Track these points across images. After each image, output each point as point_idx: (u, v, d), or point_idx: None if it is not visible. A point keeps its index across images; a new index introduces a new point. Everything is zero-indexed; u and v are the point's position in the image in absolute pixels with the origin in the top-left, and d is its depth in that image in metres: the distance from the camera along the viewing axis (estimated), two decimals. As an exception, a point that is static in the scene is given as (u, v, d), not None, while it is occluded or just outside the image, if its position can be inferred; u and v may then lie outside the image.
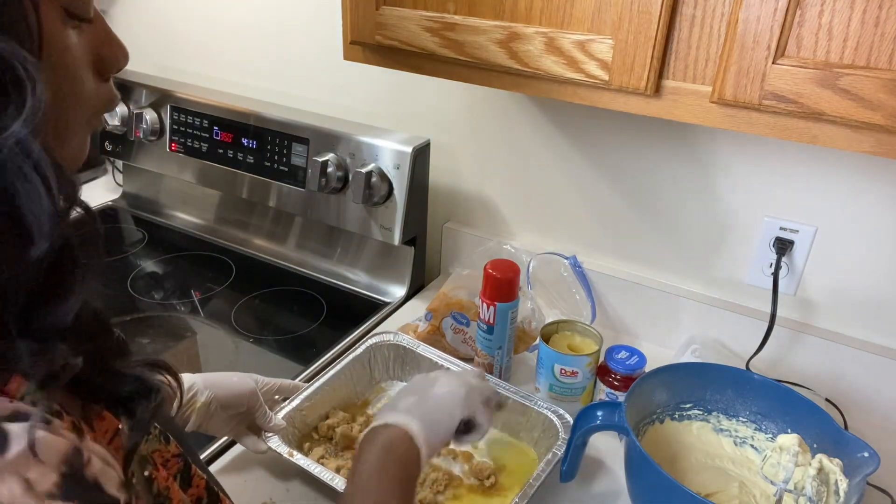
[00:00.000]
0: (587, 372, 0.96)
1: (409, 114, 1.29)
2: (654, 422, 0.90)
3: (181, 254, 1.44)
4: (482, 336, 1.02)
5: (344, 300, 1.28)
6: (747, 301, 1.09)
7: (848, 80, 0.62)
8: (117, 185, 1.66)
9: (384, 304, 1.26)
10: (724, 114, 0.71)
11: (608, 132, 1.10)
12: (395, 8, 0.84)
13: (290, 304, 1.28)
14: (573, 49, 0.75)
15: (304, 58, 1.37)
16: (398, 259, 1.28)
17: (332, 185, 1.22)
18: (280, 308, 1.27)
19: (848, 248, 0.99)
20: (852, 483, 0.71)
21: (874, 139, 0.65)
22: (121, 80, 1.50)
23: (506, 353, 1.03)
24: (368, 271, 1.33)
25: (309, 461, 0.83)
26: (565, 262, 1.19)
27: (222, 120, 1.37)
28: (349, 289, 1.31)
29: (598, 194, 1.16)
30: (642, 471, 0.78)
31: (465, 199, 1.31)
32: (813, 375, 1.05)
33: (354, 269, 1.34)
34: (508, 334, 1.01)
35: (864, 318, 1.02)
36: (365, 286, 1.31)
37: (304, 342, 1.16)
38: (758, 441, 0.89)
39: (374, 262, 1.32)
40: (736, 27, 0.66)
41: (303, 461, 0.83)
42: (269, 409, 0.85)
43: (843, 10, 0.61)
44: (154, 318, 1.23)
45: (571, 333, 1.02)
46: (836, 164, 0.95)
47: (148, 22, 1.58)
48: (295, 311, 1.26)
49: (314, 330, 1.20)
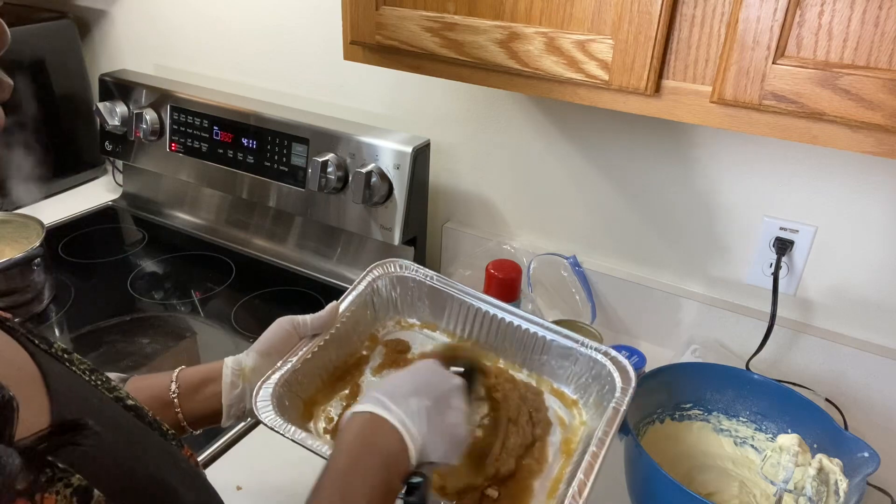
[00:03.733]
0: (587, 372, 0.96)
1: (409, 114, 1.29)
2: (654, 422, 0.90)
3: (181, 254, 1.44)
4: (482, 336, 1.01)
5: (344, 300, 1.28)
6: (747, 301, 1.09)
7: (848, 80, 0.62)
8: (117, 185, 1.66)
9: (384, 304, 1.26)
10: (724, 114, 0.71)
11: (608, 132, 1.10)
12: (395, 8, 0.84)
13: (290, 304, 1.28)
14: (573, 49, 0.75)
15: (304, 58, 1.37)
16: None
17: (332, 185, 1.22)
18: (280, 308, 1.27)
19: (848, 248, 0.99)
20: (852, 483, 0.71)
21: (874, 139, 0.65)
22: (121, 80, 1.50)
23: (506, 353, 1.03)
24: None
25: (307, 436, 0.69)
26: (565, 262, 1.19)
27: (222, 120, 1.37)
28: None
29: (598, 194, 1.16)
30: (642, 471, 0.78)
31: (465, 199, 1.31)
32: (813, 375, 1.05)
33: (354, 269, 1.34)
34: (508, 334, 1.01)
35: (863, 318, 1.02)
36: (365, 286, 1.31)
37: (304, 342, 1.16)
38: (758, 441, 0.89)
39: (375, 262, 1.32)
40: (736, 27, 0.66)
41: (300, 436, 0.69)
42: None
43: (843, 10, 0.61)
44: (154, 318, 1.23)
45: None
46: (836, 164, 0.95)
47: (148, 22, 1.58)
48: (295, 311, 1.24)
49: (314, 330, 1.19)
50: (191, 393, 0.72)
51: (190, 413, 0.72)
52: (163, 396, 0.71)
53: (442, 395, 0.64)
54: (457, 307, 0.90)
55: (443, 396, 0.64)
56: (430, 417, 0.61)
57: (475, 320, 0.89)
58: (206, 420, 0.73)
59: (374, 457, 0.57)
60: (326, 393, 0.82)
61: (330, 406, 0.81)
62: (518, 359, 0.87)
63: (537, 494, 0.73)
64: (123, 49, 1.66)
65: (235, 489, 0.86)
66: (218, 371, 0.74)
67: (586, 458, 0.67)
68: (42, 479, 0.34)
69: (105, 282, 1.34)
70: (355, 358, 0.87)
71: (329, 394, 0.82)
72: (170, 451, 0.52)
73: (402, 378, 0.66)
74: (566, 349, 0.83)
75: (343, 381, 0.84)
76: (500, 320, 0.87)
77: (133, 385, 0.72)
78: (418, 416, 0.60)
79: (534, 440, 0.78)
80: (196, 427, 0.73)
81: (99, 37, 1.69)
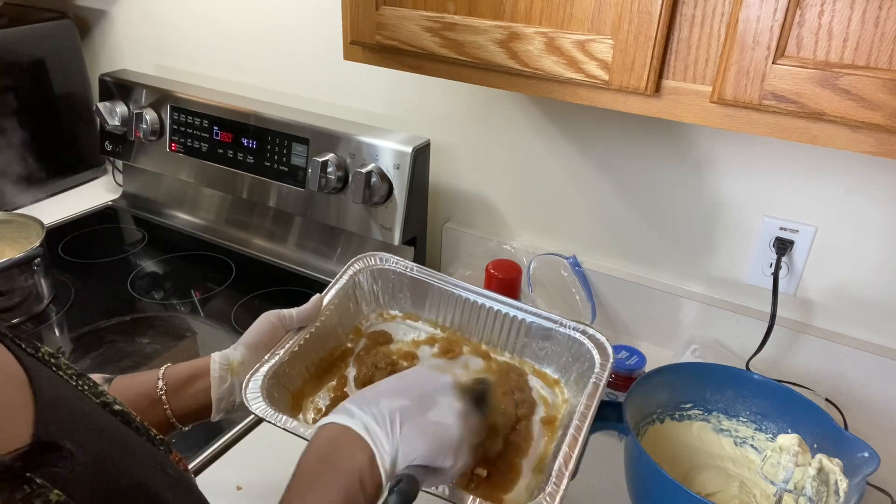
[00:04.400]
0: (587, 372, 0.96)
1: (408, 114, 1.30)
2: (654, 422, 0.90)
3: (181, 254, 1.44)
4: (482, 336, 1.01)
5: (344, 300, 1.28)
6: (747, 301, 1.09)
7: (848, 80, 0.62)
8: (117, 185, 1.66)
9: (384, 304, 1.26)
10: (724, 114, 0.71)
11: (608, 132, 1.10)
12: (395, 8, 0.84)
13: (290, 304, 1.26)
14: (573, 49, 0.75)
15: (304, 58, 1.37)
16: (398, 259, 1.28)
17: (332, 185, 1.22)
18: (280, 308, 1.27)
19: (848, 248, 0.99)
20: (852, 483, 0.71)
21: (874, 139, 0.65)
22: (121, 80, 1.50)
23: (506, 353, 1.03)
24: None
25: (297, 425, 0.70)
26: (565, 262, 1.19)
27: (222, 120, 1.37)
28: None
29: (598, 194, 1.16)
30: (642, 471, 0.78)
31: (465, 199, 1.31)
32: (813, 375, 1.05)
33: (354, 269, 1.34)
34: (508, 334, 1.01)
35: (863, 318, 1.02)
36: (365, 286, 1.31)
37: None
38: (758, 441, 0.89)
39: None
40: (736, 27, 0.66)
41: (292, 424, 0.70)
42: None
43: (843, 10, 0.61)
44: (154, 318, 1.23)
45: (571, 333, 1.02)
46: (836, 164, 0.95)
47: (148, 22, 1.58)
48: (295, 311, 1.26)
49: (314, 330, 1.19)
50: (178, 389, 0.72)
51: (178, 409, 0.72)
52: (150, 394, 0.71)
53: (425, 394, 0.61)
54: (437, 296, 0.91)
55: (426, 395, 0.61)
56: (407, 417, 0.58)
57: (456, 308, 0.91)
58: (195, 416, 0.73)
59: (334, 474, 0.55)
60: (314, 385, 0.83)
61: (318, 397, 0.82)
62: (500, 342, 0.89)
63: (524, 471, 0.75)
64: (123, 49, 1.66)
65: (235, 489, 0.86)
66: (205, 367, 0.74)
67: (570, 432, 0.70)
68: (18, 495, 0.34)
69: (105, 282, 1.34)
70: (340, 350, 0.88)
71: (317, 385, 0.83)
72: (156, 457, 0.52)
73: (383, 383, 0.63)
74: (546, 330, 0.85)
75: (329, 373, 0.85)
76: (480, 306, 0.89)
77: (120, 384, 0.71)
78: (388, 418, 0.57)
79: (518, 419, 0.80)
80: (185, 423, 0.73)
81: (99, 37, 1.69)
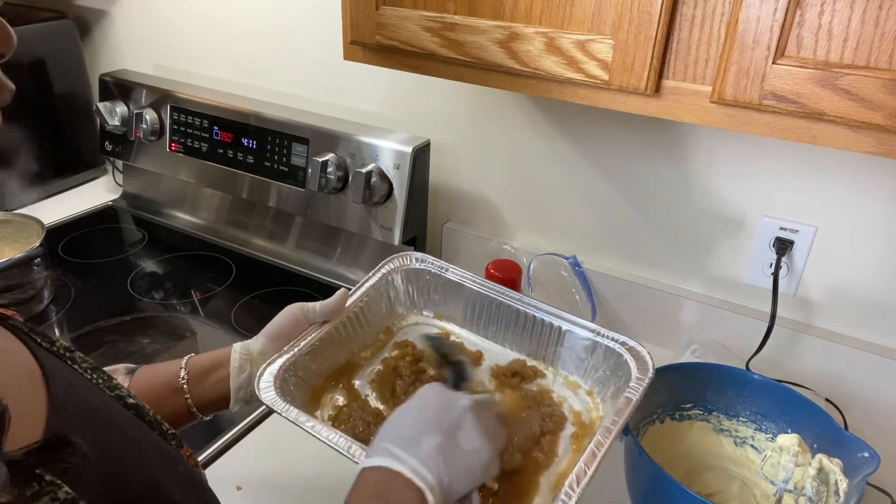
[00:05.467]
0: (587, 372, 0.96)
1: (408, 114, 1.29)
2: (654, 422, 0.90)
3: (181, 254, 1.44)
4: (482, 336, 1.01)
5: (344, 300, 1.28)
6: (747, 301, 1.09)
7: (848, 80, 0.62)
8: (117, 185, 1.66)
9: (384, 304, 1.26)
10: (724, 114, 0.71)
11: (608, 132, 1.10)
12: (395, 8, 0.84)
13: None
14: (573, 49, 0.75)
15: (304, 58, 1.37)
16: (398, 259, 1.28)
17: (332, 185, 1.22)
18: (280, 308, 1.27)
19: (848, 248, 0.99)
20: (852, 483, 0.71)
21: (874, 139, 0.65)
22: (121, 80, 1.50)
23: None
24: (368, 271, 1.32)
25: (307, 418, 0.69)
26: (565, 262, 1.19)
27: (222, 120, 1.37)
28: (349, 289, 1.31)
29: (598, 194, 1.16)
30: (643, 471, 0.78)
31: (465, 199, 1.31)
32: (813, 375, 1.05)
33: (354, 269, 1.34)
34: (508, 334, 1.01)
35: (863, 318, 1.02)
36: (365, 286, 1.31)
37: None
38: (758, 441, 0.89)
39: (374, 263, 1.29)
40: (736, 27, 0.66)
41: (310, 424, 0.68)
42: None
43: (843, 10, 0.61)
44: (154, 318, 1.23)
45: (571, 333, 1.02)
46: (835, 164, 0.95)
47: (148, 22, 1.58)
48: (295, 311, 1.26)
49: (314, 330, 1.19)
50: (200, 379, 0.73)
51: (199, 398, 0.73)
52: (173, 383, 0.72)
53: (452, 425, 0.60)
54: (471, 298, 0.89)
55: (453, 426, 0.60)
56: (447, 455, 0.57)
57: (491, 311, 0.89)
58: (215, 405, 0.74)
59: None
60: (335, 382, 0.82)
61: (337, 395, 0.81)
62: (532, 349, 0.87)
63: (542, 488, 0.72)
64: (123, 49, 1.66)
65: (235, 489, 0.86)
66: (226, 356, 0.75)
67: (590, 448, 0.67)
68: (28, 492, 0.34)
69: (105, 282, 1.34)
70: (367, 349, 0.87)
71: (337, 383, 0.82)
72: (168, 452, 0.52)
73: (409, 416, 0.62)
74: (583, 340, 0.83)
75: (352, 371, 0.84)
76: (515, 311, 0.87)
77: (144, 374, 0.73)
78: (433, 460, 0.56)
79: (543, 433, 0.77)
80: (206, 412, 0.74)
81: (99, 37, 1.69)
